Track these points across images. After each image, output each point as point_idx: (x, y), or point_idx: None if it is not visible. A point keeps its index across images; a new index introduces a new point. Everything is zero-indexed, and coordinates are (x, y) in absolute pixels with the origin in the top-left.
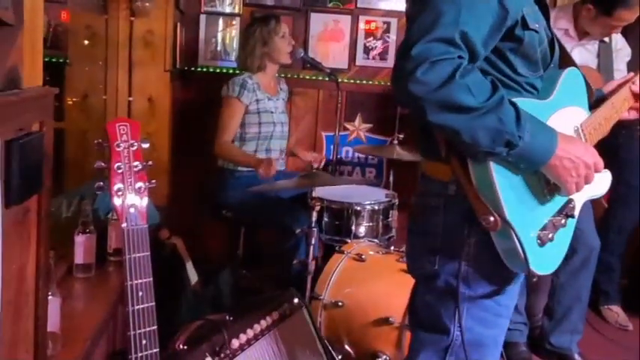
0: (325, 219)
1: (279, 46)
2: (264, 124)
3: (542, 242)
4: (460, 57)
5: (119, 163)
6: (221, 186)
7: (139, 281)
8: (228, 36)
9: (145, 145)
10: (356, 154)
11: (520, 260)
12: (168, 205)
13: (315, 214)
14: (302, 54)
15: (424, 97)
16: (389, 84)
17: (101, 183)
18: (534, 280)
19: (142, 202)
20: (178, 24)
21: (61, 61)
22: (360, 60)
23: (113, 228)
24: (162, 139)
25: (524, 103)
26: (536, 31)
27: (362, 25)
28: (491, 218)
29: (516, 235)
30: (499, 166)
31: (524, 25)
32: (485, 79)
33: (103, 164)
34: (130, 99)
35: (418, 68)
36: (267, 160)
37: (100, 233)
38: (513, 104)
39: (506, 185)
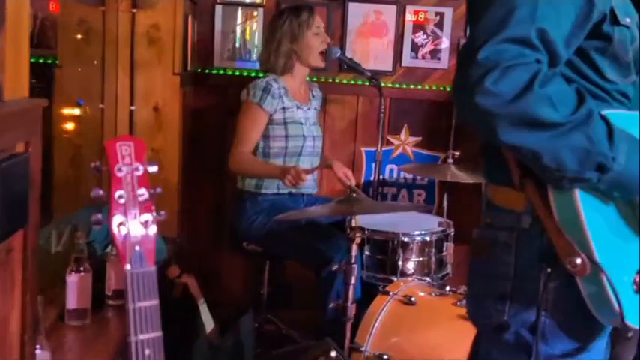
0: (367, 253)
1: (311, 44)
2: (291, 138)
3: (638, 288)
4: (538, 61)
5: (121, 192)
6: (241, 212)
7: (146, 336)
8: (248, 30)
9: (153, 169)
10: (402, 174)
11: (612, 310)
12: (179, 236)
13: (355, 248)
14: (338, 54)
15: (495, 111)
16: (442, 88)
17: (99, 215)
18: (629, 335)
19: (149, 238)
20: (189, 17)
21: (49, 62)
22: (407, 60)
23: (113, 265)
24: (171, 156)
25: (616, 116)
26: (628, 27)
27: (409, 17)
28: (578, 260)
29: (608, 280)
30: (587, 194)
31: (614, 21)
32: (569, 87)
33: (101, 192)
34: (132, 108)
35: (487, 76)
36: (293, 168)
37: (96, 271)
38: (604, 118)
39: (596, 219)
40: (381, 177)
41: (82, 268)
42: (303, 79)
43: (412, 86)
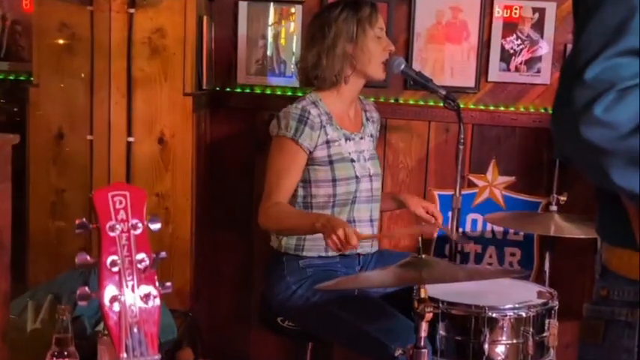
0: (441, 332)
1: (373, 50)
2: (341, 182)
3: None
4: None
5: (114, 257)
6: (277, 280)
7: None
8: (283, 34)
9: (155, 227)
10: (489, 226)
11: None
12: (193, 309)
13: (424, 327)
14: (402, 66)
15: (607, 147)
16: (542, 110)
17: (86, 289)
18: None
19: (152, 316)
20: (205, 19)
21: (21, 78)
22: (496, 73)
23: (106, 348)
24: (182, 204)
25: None
26: None
27: (498, 14)
28: None
29: None
30: None
31: None
32: None
33: (88, 258)
34: (130, 140)
35: (598, 101)
36: (343, 225)
37: (84, 356)
38: None
39: None
40: (460, 230)
41: (65, 353)
42: (354, 97)
43: (502, 108)
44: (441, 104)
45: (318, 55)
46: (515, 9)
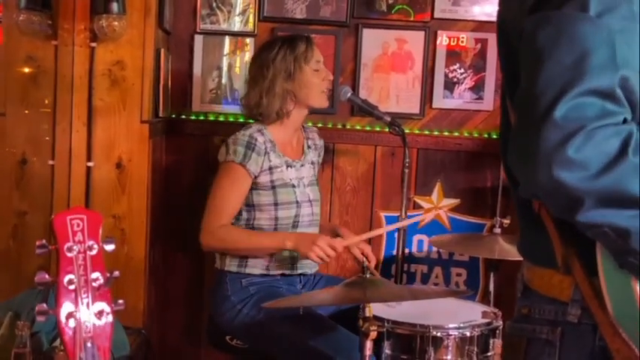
0: (387, 351)
1: (312, 82)
2: (282, 207)
3: None
4: (625, 120)
5: (70, 276)
6: (222, 299)
7: None
8: (238, 64)
9: (110, 247)
10: (434, 248)
11: None
12: (146, 327)
13: (369, 344)
14: (349, 94)
15: (579, 186)
16: (485, 135)
17: (44, 305)
18: None
19: (105, 332)
20: (162, 51)
21: None
22: (440, 100)
23: None
24: (138, 225)
25: None
26: None
27: (441, 44)
28: None
29: None
30: None
31: None
32: None
33: (47, 277)
34: (90, 164)
35: (570, 142)
36: (314, 234)
37: None
38: None
39: None
40: (406, 251)
41: None
42: (297, 126)
43: (446, 133)
44: (387, 130)
45: (260, 95)
46: (460, 38)
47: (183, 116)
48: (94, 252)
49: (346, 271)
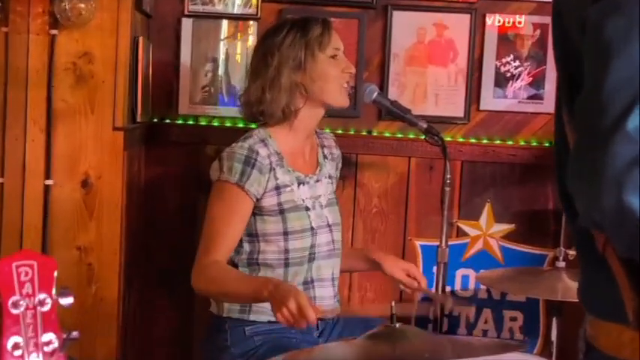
0: None
1: (328, 73)
2: (293, 236)
3: None
4: None
5: (17, 339)
6: (218, 352)
7: None
8: (237, 55)
9: (66, 302)
10: (482, 286)
11: None
12: None
13: None
14: (375, 94)
15: None
16: (547, 144)
17: None
18: None
19: None
20: (141, 39)
21: None
22: (490, 100)
23: None
24: (109, 258)
25: None
26: None
27: (491, 30)
28: None
29: None
30: None
31: None
32: None
33: None
34: (49, 182)
35: None
36: (295, 294)
37: None
38: None
39: None
40: (447, 289)
41: None
42: (310, 130)
43: (498, 142)
44: (423, 137)
45: (262, 89)
46: (513, 23)
47: (168, 121)
48: (47, 307)
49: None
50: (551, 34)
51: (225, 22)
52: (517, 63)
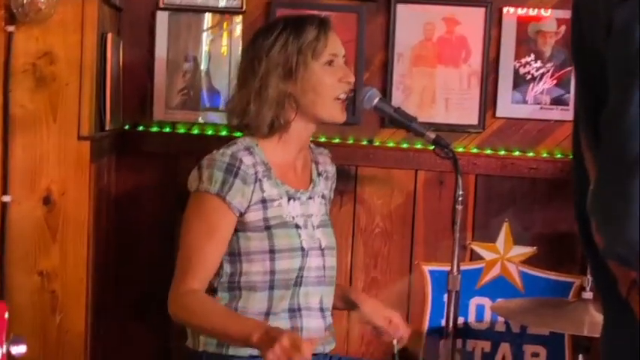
0: None
1: (322, 83)
2: (282, 254)
3: None
4: None
5: None
6: None
7: None
8: (219, 53)
9: (19, 351)
10: (500, 318)
11: None
12: None
13: None
14: (376, 99)
15: None
16: (571, 157)
17: None
18: None
19: None
20: (110, 36)
21: None
22: (507, 106)
23: None
24: (74, 284)
25: None
26: None
27: (509, 26)
28: None
29: None
30: None
31: None
32: None
33: None
34: (6, 199)
35: None
36: (285, 334)
37: None
38: None
39: None
40: (460, 321)
41: None
42: (303, 144)
43: (517, 153)
44: (431, 148)
45: (246, 100)
46: (534, 19)
47: (141, 128)
48: None
49: (373, 350)
50: (571, 40)
51: (204, 16)
52: (539, 63)
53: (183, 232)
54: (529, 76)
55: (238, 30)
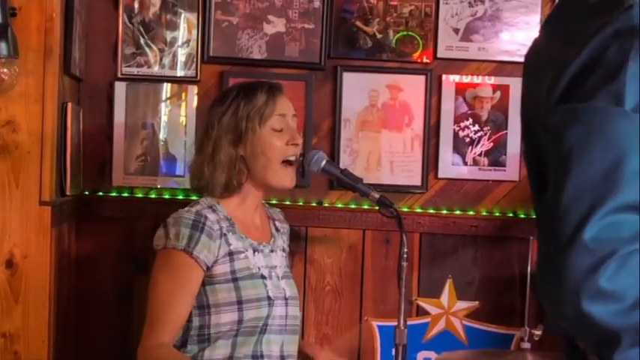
0: None
1: (270, 148)
2: (249, 305)
3: None
4: None
5: None
6: None
7: None
8: (176, 121)
9: None
10: None
11: None
12: None
13: None
14: (323, 162)
15: (614, 323)
16: (510, 214)
17: None
18: None
19: None
20: (70, 105)
21: None
22: (448, 167)
23: None
24: (36, 345)
25: None
26: None
27: (448, 93)
28: None
29: None
30: None
31: None
32: None
33: None
34: None
35: (601, 269)
36: None
37: None
38: None
39: None
40: None
41: None
42: (258, 203)
43: (458, 212)
44: (377, 208)
45: (201, 164)
46: (472, 86)
47: (101, 193)
48: None
49: None
50: (521, 129)
51: (161, 87)
52: (476, 127)
53: (151, 288)
54: (468, 139)
55: (195, 100)
